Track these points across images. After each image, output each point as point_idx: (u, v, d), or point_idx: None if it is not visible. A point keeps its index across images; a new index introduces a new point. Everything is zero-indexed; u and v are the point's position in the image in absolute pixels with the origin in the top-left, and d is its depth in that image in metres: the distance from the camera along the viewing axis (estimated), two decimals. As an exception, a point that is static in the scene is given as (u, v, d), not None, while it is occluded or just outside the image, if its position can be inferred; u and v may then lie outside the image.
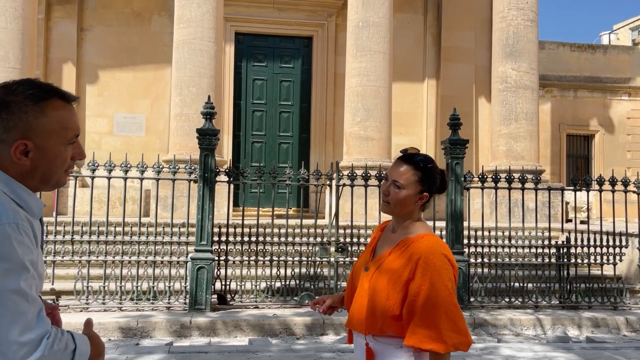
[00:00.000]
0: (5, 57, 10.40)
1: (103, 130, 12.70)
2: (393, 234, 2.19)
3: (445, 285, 1.99)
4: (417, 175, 2.12)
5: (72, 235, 7.11)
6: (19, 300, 1.36)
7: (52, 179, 1.53)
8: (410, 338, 1.98)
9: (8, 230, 1.35)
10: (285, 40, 13.65)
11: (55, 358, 1.40)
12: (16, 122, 1.43)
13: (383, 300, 2.03)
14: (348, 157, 11.18)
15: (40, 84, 1.50)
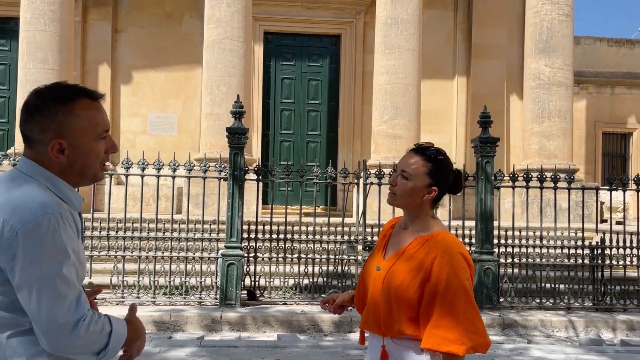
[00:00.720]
0: (45, 59, 10.71)
1: (137, 129, 12.97)
2: (405, 230, 2.11)
3: (463, 284, 1.93)
4: (426, 166, 2.04)
5: (107, 231, 7.32)
6: (61, 284, 1.47)
7: (88, 174, 1.64)
8: (428, 340, 1.92)
9: (53, 220, 1.47)
10: (313, 38, 13.72)
11: (91, 339, 1.50)
12: (49, 124, 1.55)
13: (399, 301, 1.97)
14: (376, 156, 11.20)
15: (67, 85, 1.62)
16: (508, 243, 7.84)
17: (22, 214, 1.47)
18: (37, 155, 1.58)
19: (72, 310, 1.47)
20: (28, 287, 1.46)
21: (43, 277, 1.47)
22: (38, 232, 1.46)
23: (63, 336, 1.46)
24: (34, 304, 1.46)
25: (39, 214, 1.47)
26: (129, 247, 7.33)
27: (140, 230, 7.34)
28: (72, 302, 1.48)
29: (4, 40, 12.64)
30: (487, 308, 7.38)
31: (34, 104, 1.57)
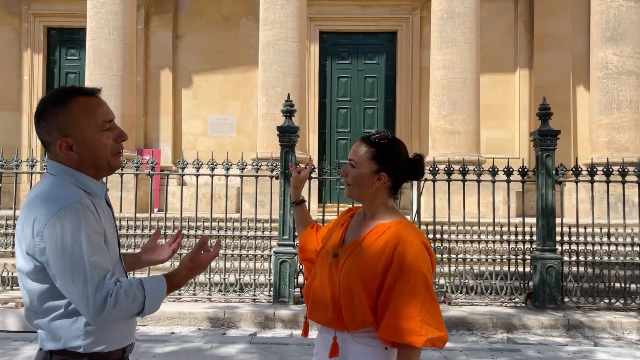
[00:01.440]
0: (109, 65, 11.14)
1: (198, 131, 13.29)
2: (364, 220, 2.03)
3: (423, 275, 1.84)
4: (370, 151, 1.96)
5: (164, 230, 7.51)
6: (87, 267, 1.59)
7: (102, 164, 1.75)
8: (386, 330, 1.83)
9: (73, 208, 1.61)
10: (369, 36, 13.64)
11: (122, 310, 1.61)
12: (52, 126, 1.68)
13: (360, 290, 1.88)
14: (434, 152, 10.99)
15: (63, 88, 1.74)
16: (572, 240, 7.49)
17: (46, 207, 1.61)
18: (54, 155, 1.72)
19: (100, 290, 1.58)
20: (61, 273, 1.59)
21: (71, 263, 1.59)
22: (61, 221, 1.59)
23: (98, 312, 1.59)
24: (69, 288, 1.60)
25: (61, 205, 1.60)
26: (185, 245, 7.50)
27: (196, 229, 7.49)
28: (99, 282, 1.59)
29: (74, 50, 13.25)
30: (550, 308, 7.09)
31: (39, 110, 1.71)
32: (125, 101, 11.26)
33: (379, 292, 1.87)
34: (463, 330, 6.65)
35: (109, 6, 11.09)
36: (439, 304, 6.78)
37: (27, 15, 12.93)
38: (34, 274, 1.64)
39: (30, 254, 1.62)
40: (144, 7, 13.00)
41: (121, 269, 1.81)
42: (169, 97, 13.14)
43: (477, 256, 7.46)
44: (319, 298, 1.98)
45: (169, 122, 13.11)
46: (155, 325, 6.79)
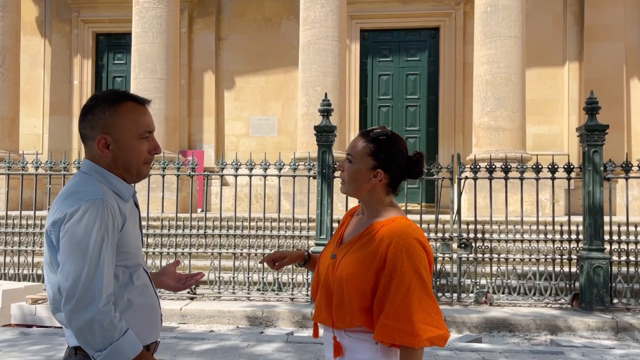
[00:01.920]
0: (153, 69, 11.38)
1: (240, 132, 13.44)
2: (361, 218, 2.00)
3: (418, 272, 1.79)
4: (368, 147, 1.93)
5: (205, 230, 7.63)
6: (89, 260, 1.63)
7: (132, 170, 1.83)
8: (380, 331, 1.79)
9: (95, 204, 1.68)
10: (410, 33, 13.47)
11: (99, 326, 1.61)
12: (97, 122, 1.77)
13: (352, 290, 1.84)
14: (477, 150, 10.77)
15: (116, 91, 1.83)
16: (622, 239, 7.20)
17: (70, 200, 1.69)
18: (89, 151, 1.80)
19: (93, 288, 1.62)
20: (63, 258, 1.64)
21: (75, 250, 1.64)
22: (79, 212, 1.65)
23: (78, 308, 1.61)
24: (64, 272, 1.64)
25: (84, 199, 1.68)
26: (225, 245, 7.59)
27: (235, 228, 7.57)
28: (98, 281, 1.63)
29: (120, 54, 13.62)
30: (598, 309, 6.84)
31: (88, 105, 1.81)
32: (168, 103, 11.48)
33: (373, 293, 1.83)
34: (504, 331, 6.49)
35: (152, 10, 11.33)
36: (480, 304, 6.65)
37: (76, 22, 13.36)
38: (53, 264, 1.71)
39: (52, 242, 1.70)
40: (187, 10, 13.24)
41: (144, 272, 1.85)
42: (211, 99, 13.34)
43: (520, 256, 7.26)
44: (319, 299, 1.98)
45: (212, 123, 13.30)
46: (195, 323, 6.90)
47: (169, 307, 7.04)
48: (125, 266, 1.77)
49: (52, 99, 13.27)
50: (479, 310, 6.89)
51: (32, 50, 13.33)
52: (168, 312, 6.98)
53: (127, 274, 1.78)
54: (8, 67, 11.76)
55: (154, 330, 1.85)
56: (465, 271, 7.33)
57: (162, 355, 5.15)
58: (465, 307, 7.04)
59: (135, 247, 1.81)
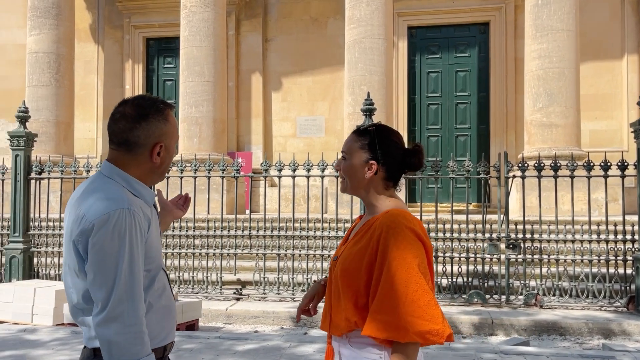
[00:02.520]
0: (201, 72, 11.58)
1: (287, 133, 13.51)
2: (364, 217, 1.95)
3: (407, 262, 1.69)
4: (359, 141, 1.88)
5: (249, 231, 7.70)
6: (120, 274, 1.66)
7: (166, 171, 1.93)
8: (369, 326, 1.72)
9: (122, 214, 1.70)
10: (459, 29, 13.21)
11: (125, 339, 1.65)
12: (153, 130, 1.82)
13: (345, 287, 1.79)
14: (529, 147, 10.45)
15: (157, 99, 1.89)
16: (682, 240, 6.84)
17: (97, 208, 1.70)
18: (134, 157, 1.82)
19: (125, 302, 1.66)
20: (93, 272, 1.68)
21: (105, 265, 1.67)
22: (108, 224, 1.67)
23: (109, 319, 1.65)
24: (95, 288, 1.68)
25: (112, 208, 1.69)
26: (269, 246, 7.64)
27: (279, 229, 7.61)
28: (127, 293, 1.66)
29: (170, 58, 13.93)
30: (656, 313, 6.52)
31: (138, 113, 1.82)
32: (216, 106, 11.66)
33: (368, 289, 1.77)
34: (555, 335, 6.27)
35: (199, 14, 11.52)
36: (530, 307, 6.43)
37: (128, 27, 13.75)
38: (80, 271, 1.73)
39: (78, 251, 1.72)
40: (234, 13, 13.41)
41: (163, 273, 1.90)
42: (259, 101, 13.46)
43: (571, 257, 7.00)
44: (326, 304, 1.94)
45: (260, 125, 13.43)
46: (240, 323, 6.97)
47: (215, 307, 7.15)
48: (148, 270, 1.80)
49: (105, 103, 13.68)
50: (528, 312, 6.69)
51: (86, 56, 13.80)
52: (214, 312, 7.08)
53: (149, 277, 1.81)
54: (63, 74, 12.21)
55: (171, 330, 1.90)
56: (514, 272, 7.12)
57: (205, 354, 5.23)
58: (514, 310, 6.85)
59: (157, 250, 1.85)
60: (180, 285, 7.71)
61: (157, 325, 1.81)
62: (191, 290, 7.65)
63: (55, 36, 11.95)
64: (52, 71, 12.03)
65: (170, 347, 1.91)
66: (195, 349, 5.40)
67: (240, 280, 7.91)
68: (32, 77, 12.07)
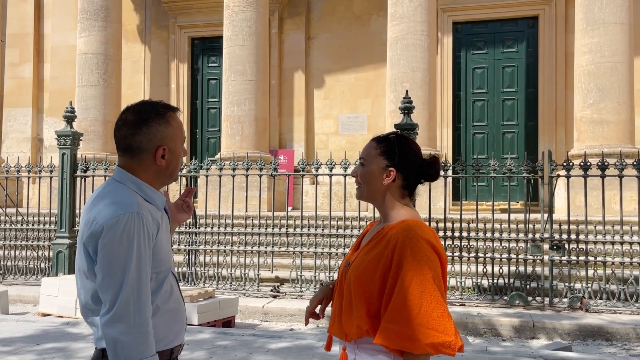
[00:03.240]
0: (243, 71, 11.67)
1: (330, 130, 13.48)
2: (378, 224, 1.94)
3: (422, 273, 1.70)
4: (379, 148, 1.89)
5: (286, 229, 7.70)
6: (128, 277, 1.69)
7: (175, 173, 1.93)
8: (381, 335, 1.71)
9: (131, 218, 1.73)
10: (506, 23, 12.85)
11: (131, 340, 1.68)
12: (154, 134, 1.84)
13: (358, 294, 1.78)
14: (579, 145, 10.07)
15: (157, 102, 1.91)
16: None
17: (107, 212, 1.73)
18: (139, 162, 1.85)
19: (131, 303, 1.69)
20: (102, 274, 1.71)
21: (113, 268, 1.70)
22: (117, 227, 1.70)
23: (115, 319, 1.67)
24: (104, 286, 1.71)
25: (120, 212, 1.72)
26: (306, 244, 7.62)
27: (316, 227, 7.58)
28: (134, 295, 1.69)
29: (214, 57, 14.10)
30: None
31: (139, 119, 1.84)
32: (258, 104, 11.73)
33: (381, 297, 1.77)
34: (601, 340, 6.01)
35: (242, 14, 11.61)
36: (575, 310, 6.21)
37: (173, 27, 13.99)
38: (89, 272, 1.76)
39: (88, 253, 1.75)
40: (277, 11, 13.46)
41: (172, 276, 1.92)
42: (301, 98, 13.47)
43: (619, 259, 6.69)
44: (334, 309, 1.94)
45: (302, 122, 13.44)
46: (277, 321, 6.98)
47: (252, 304, 7.18)
48: (157, 272, 1.82)
49: (153, 102, 13.97)
50: (573, 316, 6.44)
51: (134, 56, 14.12)
52: (251, 309, 7.12)
53: (158, 280, 1.83)
54: (110, 74, 12.53)
55: (179, 333, 1.91)
56: (558, 274, 6.87)
57: (238, 351, 5.26)
58: (558, 313, 6.61)
59: (166, 253, 1.87)
60: (218, 282, 7.79)
61: (165, 327, 1.83)
62: (229, 286, 7.71)
63: (104, 37, 12.27)
64: (100, 71, 12.37)
65: (179, 350, 1.92)
66: (229, 346, 5.43)
67: (279, 278, 7.93)
68: (81, 77, 12.44)
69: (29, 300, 7.91)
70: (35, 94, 14.47)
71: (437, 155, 1.97)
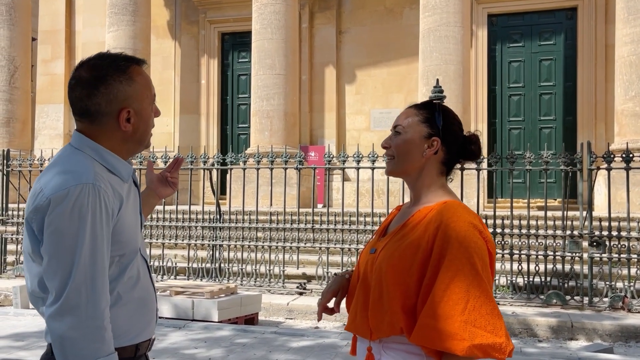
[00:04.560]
0: (272, 65, 11.52)
1: (361, 126, 13.23)
2: (409, 207, 1.66)
3: (471, 263, 1.44)
4: (420, 114, 1.63)
5: (312, 224, 7.51)
6: (80, 260, 1.42)
7: (145, 139, 1.65)
8: (418, 332, 1.45)
9: (85, 190, 1.44)
10: (544, 15, 12.40)
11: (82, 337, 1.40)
12: (115, 94, 1.55)
13: (392, 286, 1.51)
14: (620, 139, 9.60)
15: (118, 55, 1.61)
16: None
17: (56, 182, 1.45)
18: (100, 127, 1.57)
19: (83, 292, 1.41)
20: (49, 256, 1.44)
21: (62, 249, 1.43)
22: (67, 201, 1.42)
23: (62, 311, 1.40)
24: (50, 271, 1.43)
25: (72, 183, 1.44)
26: (333, 240, 7.41)
27: (342, 224, 7.37)
28: (87, 282, 1.42)
29: (244, 52, 13.98)
30: None
31: (94, 76, 1.56)
32: (287, 99, 11.57)
33: (419, 289, 1.51)
34: (644, 343, 5.64)
35: (271, 7, 11.47)
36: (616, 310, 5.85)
37: (203, 23, 13.94)
38: (34, 254, 1.49)
39: (33, 231, 1.48)
40: (307, 5, 13.28)
41: (141, 260, 1.64)
42: (332, 94, 13.26)
43: (665, 258, 6.29)
44: (355, 302, 1.66)
45: (333, 118, 13.22)
46: (301, 319, 6.79)
47: (276, 301, 7.01)
48: (120, 255, 1.54)
49: (182, 98, 13.94)
50: (614, 316, 6.08)
51: (164, 52, 14.11)
52: (275, 306, 6.95)
53: (120, 265, 1.55)
54: (141, 70, 12.53)
55: (147, 327, 1.63)
56: (598, 273, 6.50)
57: (257, 350, 5.08)
58: (598, 313, 6.25)
59: (132, 233, 1.58)
60: (242, 278, 7.64)
61: (128, 320, 1.56)
62: (253, 283, 7.55)
63: (132, 32, 12.26)
64: (130, 67, 12.38)
65: (147, 346, 1.65)
66: (249, 344, 5.26)
67: (305, 275, 7.73)
68: (111, 73, 12.47)
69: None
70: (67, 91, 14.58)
71: (476, 134, 1.70)
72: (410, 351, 1.52)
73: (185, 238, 8.07)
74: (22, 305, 7.02)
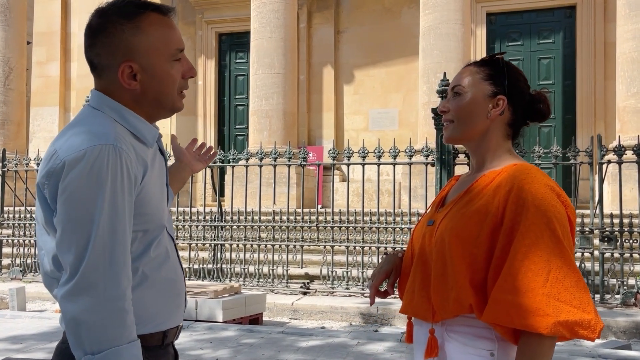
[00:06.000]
0: (271, 64, 11.39)
1: (359, 126, 13.12)
2: (470, 175, 1.50)
3: (550, 228, 1.26)
4: (482, 72, 1.46)
5: (317, 223, 7.37)
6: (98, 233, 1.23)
7: (166, 103, 1.41)
8: (492, 309, 1.27)
9: (104, 150, 1.24)
10: (542, 13, 12.36)
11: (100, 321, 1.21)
12: (117, 45, 1.33)
13: (457, 258, 1.33)
14: (622, 136, 9.40)
15: (133, 0, 1.37)
16: None
17: (71, 143, 1.26)
18: (108, 84, 1.37)
19: (102, 268, 1.22)
20: (62, 226, 1.24)
21: (76, 219, 1.23)
22: (83, 163, 1.23)
23: (77, 290, 1.21)
24: (63, 244, 1.24)
25: (89, 144, 1.24)
26: (337, 239, 7.28)
27: (348, 223, 7.24)
28: (106, 257, 1.23)
29: (242, 53, 13.86)
30: None
31: (97, 23, 1.35)
32: (287, 98, 11.44)
33: (489, 262, 1.33)
34: (660, 341, 5.53)
35: (270, 5, 11.35)
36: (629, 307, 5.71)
37: (200, 23, 13.80)
38: (48, 225, 1.30)
39: (45, 199, 1.29)
40: (306, 5, 13.17)
41: (168, 237, 1.43)
42: (330, 94, 13.15)
43: (678, 253, 6.20)
44: (411, 281, 1.48)
45: (331, 118, 13.10)
46: (307, 319, 6.65)
47: (280, 301, 6.87)
48: (144, 230, 1.34)
49: (180, 99, 13.79)
50: (627, 313, 5.98)
51: (161, 53, 13.95)
52: (279, 306, 6.80)
53: (145, 241, 1.35)
54: (137, 70, 12.38)
55: (175, 312, 1.43)
56: (609, 269, 6.39)
57: (265, 350, 4.93)
58: (610, 310, 6.14)
59: (157, 207, 1.38)
60: (245, 279, 7.48)
61: (154, 303, 1.36)
62: (256, 283, 7.40)
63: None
64: (126, 68, 12.22)
65: (175, 333, 1.45)
66: (256, 344, 5.11)
67: (308, 274, 7.59)
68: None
69: (48, 298, 7.72)
70: (62, 93, 14.40)
71: (539, 91, 1.54)
72: (478, 335, 1.35)
73: (186, 239, 7.91)
74: (18, 307, 6.85)
